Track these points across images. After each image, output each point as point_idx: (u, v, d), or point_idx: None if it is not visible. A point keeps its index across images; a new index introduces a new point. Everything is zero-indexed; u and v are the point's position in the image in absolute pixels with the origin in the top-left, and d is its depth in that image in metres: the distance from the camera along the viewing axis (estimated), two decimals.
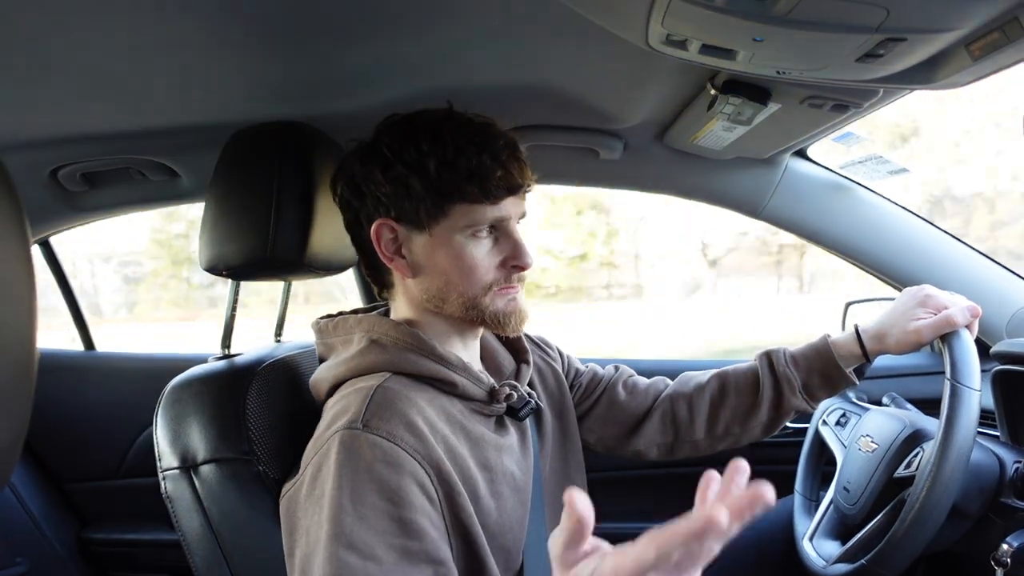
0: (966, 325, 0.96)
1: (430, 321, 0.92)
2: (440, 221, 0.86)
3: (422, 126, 0.86)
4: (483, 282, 0.88)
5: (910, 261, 1.45)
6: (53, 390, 1.85)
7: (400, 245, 0.89)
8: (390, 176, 0.86)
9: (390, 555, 0.72)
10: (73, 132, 1.25)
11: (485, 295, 0.88)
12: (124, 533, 1.85)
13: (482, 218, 0.86)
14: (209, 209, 1.04)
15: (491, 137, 0.86)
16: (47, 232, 1.72)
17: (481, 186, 0.84)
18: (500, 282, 0.89)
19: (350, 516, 0.72)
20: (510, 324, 0.90)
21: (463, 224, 0.86)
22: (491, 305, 0.89)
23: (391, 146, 0.86)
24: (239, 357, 1.05)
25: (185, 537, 0.93)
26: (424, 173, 0.84)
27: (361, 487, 0.74)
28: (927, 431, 1.06)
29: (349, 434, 0.76)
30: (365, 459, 0.75)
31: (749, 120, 1.12)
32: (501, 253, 0.89)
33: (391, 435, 0.77)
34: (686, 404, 1.11)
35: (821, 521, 1.19)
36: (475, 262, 0.87)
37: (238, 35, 0.90)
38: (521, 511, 0.90)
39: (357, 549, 0.71)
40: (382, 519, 0.73)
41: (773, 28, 0.66)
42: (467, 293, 0.88)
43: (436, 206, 0.85)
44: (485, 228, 0.87)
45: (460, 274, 0.87)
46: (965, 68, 0.74)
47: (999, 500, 0.99)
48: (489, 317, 0.89)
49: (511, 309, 0.90)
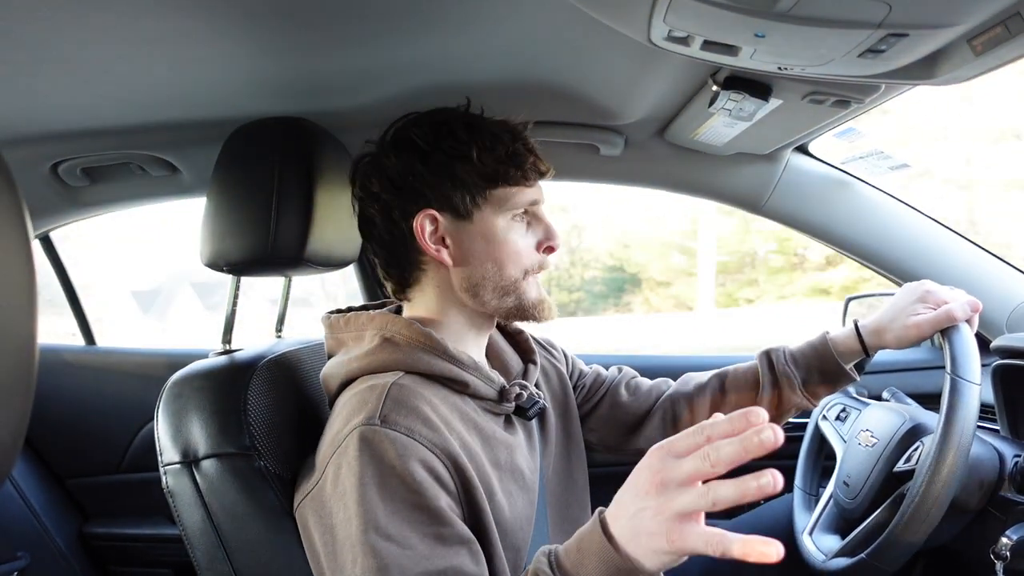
0: (966, 320, 0.96)
1: (450, 318, 0.92)
2: (482, 207, 0.88)
3: (453, 118, 0.90)
4: (524, 265, 0.91)
5: (910, 256, 1.45)
6: (54, 385, 1.85)
7: (443, 235, 0.89)
8: (431, 166, 0.87)
9: (425, 543, 0.74)
10: (74, 127, 1.25)
11: (524, 280, 0.91)
12: (125, 528, 1.85)
13: (520, 200, 0.90)
14: (210, 204, 1.04)
15: (515, 128, 0.91)
16: (48, 227, 1.72)
17: (520, 169, 0.88)
18: (535, 267, 0.92)
19: (381, 510, 0.73)
20: (543, 312, 0.93)
21: (504, 208, 0.89)
22: (527, 292, 0.91)
23: (426, 137, 0.88)
24: (240, 352, 1.05)
25: (186, 532, 0.93)
26: (467, 159, 0.87)
27: (387, 482, 0.75)
28: (927, 425, 1.06)
29: (369, 431, 0.77)
30: (386, 454, 0.75)
31: (750, 116, 1.12)
32: (535, 236, 0.93)
33: (409, 430, 0.77)
34: (687, 404, 1.12)
35: (821, 516, 1.20)
36: (517, 246, 0.90)
37: (240, 30, 0.90)
38: (529, 510, 0.91)
39: (394, 539, 0.72)
40: (412, 511, 0.74)
41: (775, 24, 0.66)
42: (509, 278, 0.90)
43: (479, 191, 0.88)
44: (521, 211, 0.91)
45: (504, 257, 0.90)
46: (967, 63, 0.74)
47: (999, 494, 0.99)
48: (528, 303, 0.92)
49: (542, 297, 0.93)
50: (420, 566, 0.72)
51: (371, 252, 0.95)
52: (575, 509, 1.05)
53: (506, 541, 0.84)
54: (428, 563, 0.73)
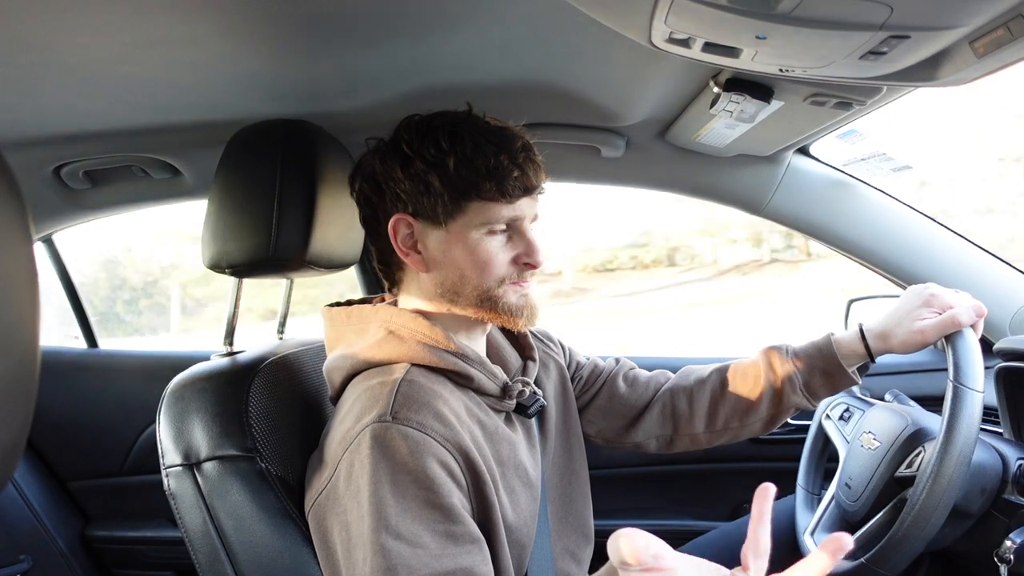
0: (971, 325, 0.96)
1: (440, 316, 0.92)
2: (457, 218, 0.87)
3: (441, 125, 0.88)
4: (496, 276, 0.89)
5: (913, 258, 1.45)
6: (56, 387, 1.85)
7: (416, 240, 0.90)
8: (409, 173, 0.87)
9: (437, 541, 0.73)
10: (76, 130, 1.25)
11: (499, 287, 0.89)
12: (127, 530, 1.86)
13: (498, 216, 0.87)
14: (212, 207, 1.04)
15: (509, 138, 0.87)
16: (50, 230, 1.73)
17: (498, 185, 0.86)
18: (513, 277, 0.90)
19: (393, 508, 0.73)
20: (522, 318, 0.92)
21: (479, 221, 0.87)
22: (504, 297, 0.90)
23: (411, 144, 0.87)
24: (242, 354, 1.05)
25: (188, 534, 0.93)
26: (443, 170, 0.86)
27: (399, 479, 0.74)
28: (929, 430, 1.06)
29: (380, 427, 0.77)
30: (399, 451, 0.75)
31: (752, 118, 1.12)
32: (514, 250, 0.90)
33: (421, 425, 0.77)
34: (686, 398, 1.11)
35: (823, 516, 1.19)
36: (489, 257, 0.88)
37: (241, 33, 0.90)
38: (533, 506, 0.91)
39: (405, 538, 0.72)
40: (424, 508, 0.74)
41: (776, 26, 0.65)
42: (481, 286, 0.89)
43: (454, 203, 0.86)
44: (501, 226, 0.88)
45: (475, 268, 0.88)
46: (969, 65, 0.74)
47: (1002, 497, 0.99)
48: (502, 309, 0.90)
49: (523, 303, 0.91)
50: (429, 566, 0.72)
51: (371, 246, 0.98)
52: (578, 503, 1.04)
53: (511, 538, 0.84)
54: (438, 563, 0.72)
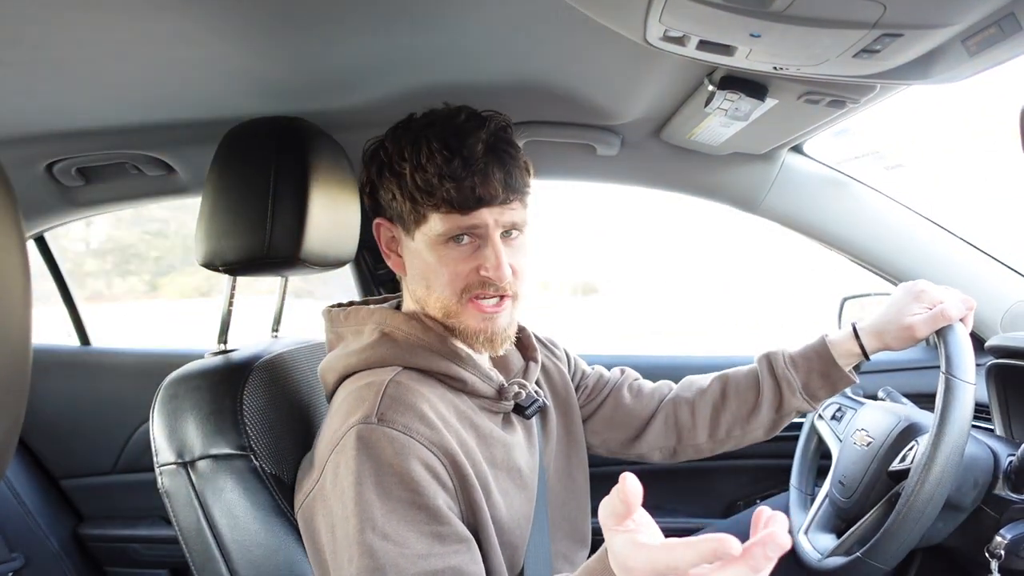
0: (961, 319, 0.97)
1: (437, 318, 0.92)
2: (420, 226, 0.87)
3: (412, 130, 0.87)
4: (454, 287, 0.86)
5: (906, 256, 1.46)
6: (49, 385, 1.85)
7: (398, 244, 0.92)
8: (384, 179, 0.89)
9: (423, 541, 0.73)
10: (69, 127, 1.24)
11: (458, 302, 0.87)
12: (120, 528, 1.85)
13: (454, 227, 0.85)
14: (205, 204, 1.03)
15: (467, 143, 0.83)
16: (42, 227, 1.72)
17: (450, 195, 0.82)
18: (474, 288, 0.87)
19: (378, 509, 0.73)
20: (479, 341, 0.88)
21: (437, 232, 0.85)
22: (461, 316, 0.87)
23: (387, 150, 0.88)
24: (236, 352, 1.05)
25: (182, 532, 0.93)
26: (402, 179, 0.86)
27: (384, 480, 0.74)
28: (922, 425, 1.07)
29: (365, 428, 0.77)
30: (384, 452, 0.75)
31: (746, 116, 1.12)
32: (476, 260, 0.86)
33: (406, 428, 0.77)
34: (688, 408, 1.12)
35: (816, 515, 1.20)
36: (443, 268, 0.86)
37: (235, 30, 0.89)
38: (527, 508, 0.91)
39: (391, 539, 0.72)
40: (409, 509, 0.74)
41: (770, 24, 0.66)
42: (442, 298, 0.87)
43: (415, 211, 0.86)
44: (463, 235, 0.86)
45: (435, 278, 0.87)
46: (962, 63, 0.74)
47: (993, 492, 0.99)
48: (460, 331, 0.88)
49: (482, 328, 0.88)
50: (417, 566, 0.72)
51: None
52: (572, 508, 1.05)
53: (503, 539, 0.84)
54: (425, 563, 0.72)
